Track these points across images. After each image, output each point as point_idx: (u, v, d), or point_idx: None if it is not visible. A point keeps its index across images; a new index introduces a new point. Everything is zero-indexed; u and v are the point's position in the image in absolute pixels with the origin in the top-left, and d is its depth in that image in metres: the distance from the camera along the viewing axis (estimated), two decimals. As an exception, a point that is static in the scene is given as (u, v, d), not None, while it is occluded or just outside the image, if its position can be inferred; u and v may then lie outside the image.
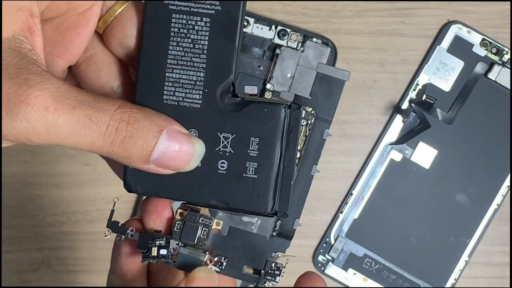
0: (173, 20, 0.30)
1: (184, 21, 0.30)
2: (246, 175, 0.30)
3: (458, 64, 0.45)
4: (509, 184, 0.45)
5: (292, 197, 0.32)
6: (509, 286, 0.46)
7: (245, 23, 0.43)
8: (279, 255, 0.41)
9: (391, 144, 0.45)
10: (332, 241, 0.46)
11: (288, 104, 0.30)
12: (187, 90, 0.30)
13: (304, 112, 0.43)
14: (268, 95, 0.43)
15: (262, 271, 0.32)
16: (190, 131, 0.30)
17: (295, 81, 0.43)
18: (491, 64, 0.45)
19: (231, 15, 0.30)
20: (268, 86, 0.43)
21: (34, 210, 0.46)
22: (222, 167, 0.30)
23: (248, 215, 0.35)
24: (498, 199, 0.45)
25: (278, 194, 0.30)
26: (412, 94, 0.45)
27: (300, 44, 0.43)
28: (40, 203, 0.46)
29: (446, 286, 0.45)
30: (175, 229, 0.31)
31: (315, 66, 0.43)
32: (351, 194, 0.45)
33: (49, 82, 0.24)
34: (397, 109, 0.46)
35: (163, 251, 0.30)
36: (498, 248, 0.46)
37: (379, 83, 0.46)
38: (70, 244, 0.46)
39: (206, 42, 0.30)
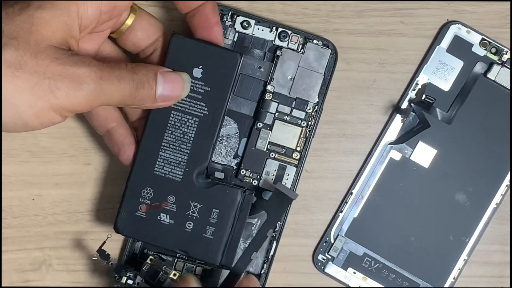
0: (171, 115, 0.39)
1: (179, 118, 0.39)
2: (205, 235, 0.39)
3: (457, 64, 0.45)
4: (508, 183, 0.45)
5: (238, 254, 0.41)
6: (509, 286, 0.46)
7: (246, 25, 0.43)
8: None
9: (390, 143, 0.46)
10: (332, 240, 0.46)
11: (244, 189, 0.39)
12: (173, 167, 0.40)
13: (304, 113, 0.44)
14: (268, 97, 0.43)
15: None
16: (169, 197, 0.39)
17: (295, 82, 0.43)
18: (490, 64, 0.45)
19: (213, 120, 0.39)
20: (269, 87, 0.43)
21: (35, 209, 0.46)
22: (189, 226, 0.39)
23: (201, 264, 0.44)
24: (497, 198, 0.45)
25: (226, 253, 0.39)
26: (412, 94, 0.45)
27: (300, 46, 0.44)
28: (41, 202, 0.46)
29: (445, 286, 0.45)
30: (143, 268, 0.40)
31: (315, 68, 0.43)
32: (351, 193, 0.46)
33: (93, 63, 0.34)
34: (396, 108, 0.46)
35: (130, 281, 0.41)
36: (498, 247, 0.46)
37: (379, 83, 0.46)
38: (71, 244, 0.46)
39: (192, 135, 0.39)
